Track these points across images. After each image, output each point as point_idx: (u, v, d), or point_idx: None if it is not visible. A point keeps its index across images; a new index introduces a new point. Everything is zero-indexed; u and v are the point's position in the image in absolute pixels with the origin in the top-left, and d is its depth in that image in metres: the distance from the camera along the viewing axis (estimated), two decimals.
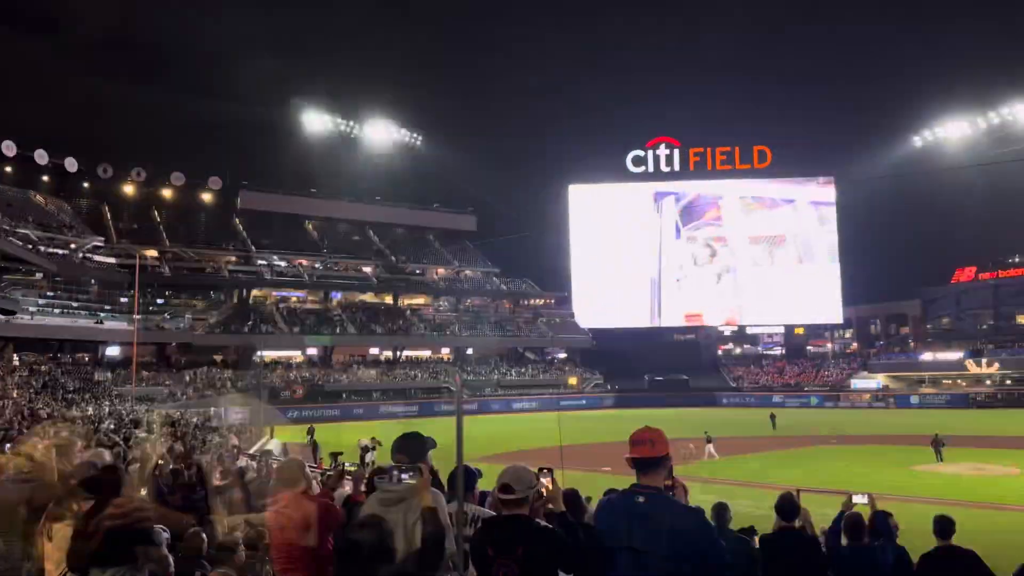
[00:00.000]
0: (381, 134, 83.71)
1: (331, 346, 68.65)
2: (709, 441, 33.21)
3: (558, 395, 70.17)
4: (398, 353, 72.86)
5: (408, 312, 76.79)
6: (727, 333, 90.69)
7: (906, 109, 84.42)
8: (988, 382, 66.25)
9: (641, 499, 3.42)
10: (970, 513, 16.06)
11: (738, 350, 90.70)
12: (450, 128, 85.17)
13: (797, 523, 6.37)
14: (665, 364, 78.75)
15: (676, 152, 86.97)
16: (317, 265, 75.38)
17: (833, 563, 6.74)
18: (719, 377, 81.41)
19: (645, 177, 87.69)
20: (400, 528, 3.49)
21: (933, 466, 28.75)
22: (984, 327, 78.66)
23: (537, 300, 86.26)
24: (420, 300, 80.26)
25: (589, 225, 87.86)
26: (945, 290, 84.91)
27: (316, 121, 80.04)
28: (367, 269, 78.13)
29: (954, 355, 71.96)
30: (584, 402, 69.89)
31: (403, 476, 3.58)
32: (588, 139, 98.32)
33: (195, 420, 30.77)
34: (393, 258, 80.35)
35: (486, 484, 4.86)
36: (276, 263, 73.17)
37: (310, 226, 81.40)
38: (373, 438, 29.27)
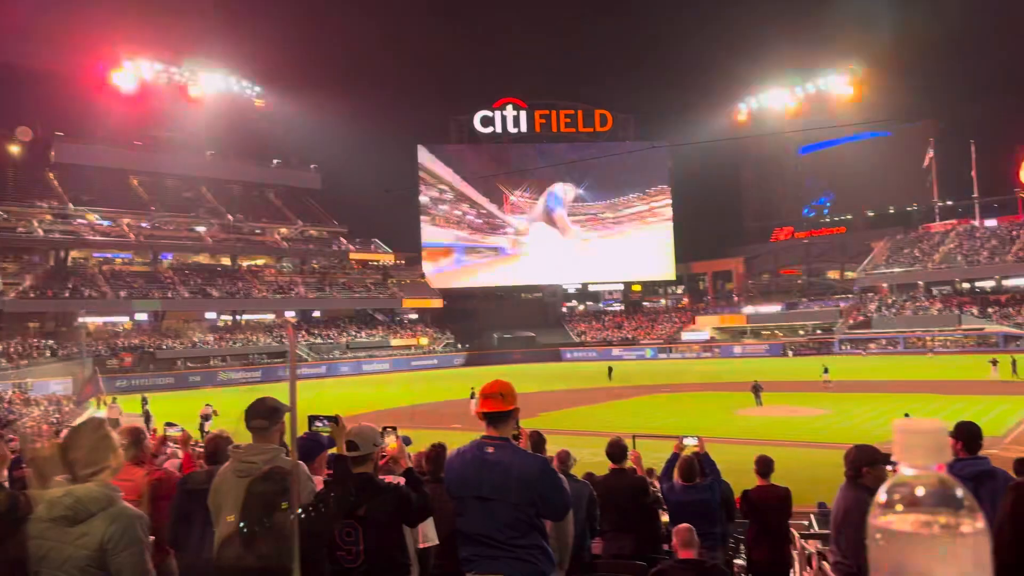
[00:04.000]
0: (216, 85, 78.58)
1: (162, 311, 64.54)
2: (473, 397, 33.09)
3: (409, 356, 70.12)
4: (238, 317, 69.73)
5: (248, 274, 73.46)
6: (571, 291, 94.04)
7: (733, 78, 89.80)
8: (801, 332, 72.94)
9: (490, 449, 3.51)
10: (785, 452, 17.74)
11: (581, 307, 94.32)
12: (292, 82, 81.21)
13: (626, 465, 6.79)
14: (513, 322, 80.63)
15: (523, 114, 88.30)
16: (144, 224, 70.14)
17: (667, 500, 7.27)
18: (564, 333, 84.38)
19: (493, 138, 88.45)
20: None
21: (753, 410, 31.43)
22: (799, 282, 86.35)
23: (387, 260, 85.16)
24: (261, 261, 76.92)
25: (438, 185, 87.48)
26: (766, 248, 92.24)
27: (143, 69, 73.82)
28: (201, 229, 73.69)
29: (773, 308, 78.56)
30: (435, 362, 70.32)
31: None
32: (437, 98, 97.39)
33: (9, 393, 28.14)
34: (230, 217, 76.18)
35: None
36: (98, 222, 67.41)
37: (136, 182, 75.34)
38: (207, 405, 28.04)
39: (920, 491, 0.71)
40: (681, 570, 4.89)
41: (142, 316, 64.27)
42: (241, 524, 3.06)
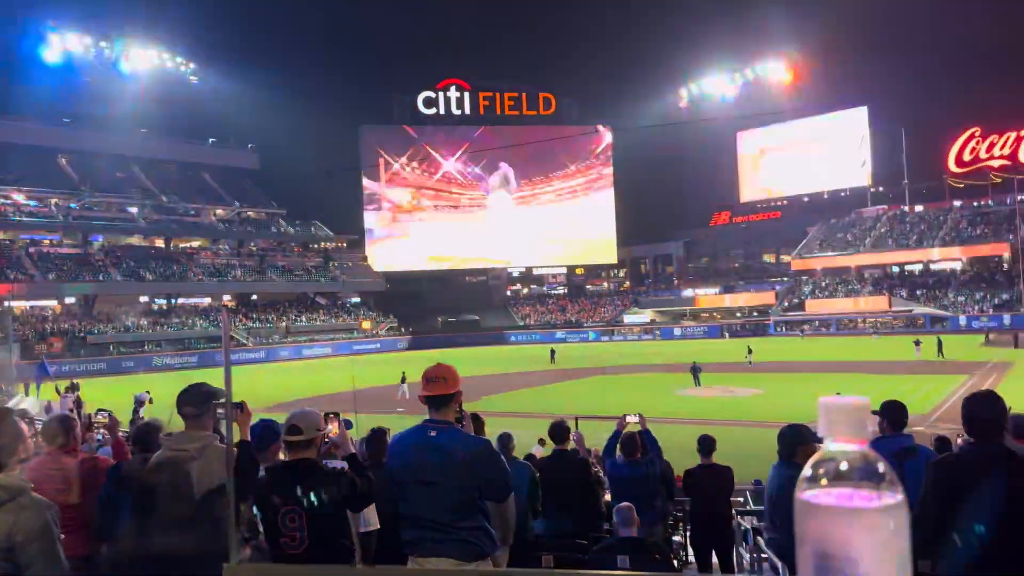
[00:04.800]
0: (149, 61, 75.77)
1: (93, 294, 62.39)
2: (403, 381, 32.45)
3: (351, 340, 69.39)
4: (172, 301, 67.90)
5: (183, 256, 71.48)
6: (515, 274, 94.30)
7: (674, 64, 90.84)
8: (738, 314, 74.74)
9: (433, 433, 3.51)
10: (722, 431, 18.20)
11: (525, 290, 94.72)
12: (229, 59, 78.68)
13: (569, 446, 6.88)
14: (457, 306, 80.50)
15: (467, 96, 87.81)
16: (73, 205, 67.53)
17: (609, 475, 7.40)
18: (508, 316, 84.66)
19: (437, 120, 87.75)
20: (188, 487, 3.32)
21: (692, 390, 32.17)
22: (736, 265, 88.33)
23: (328, 243, 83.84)
24: (196, 243, 74.91)
25: (382, 166, 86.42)
26: (705, 232, 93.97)
27: (70, 43, 70.69)
28: (133, 209, 71.32)
29: (712, 290, 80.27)
30: (378, 346, 69.76)
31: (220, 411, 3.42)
32: (380, 78, 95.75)
33: None
34: (164, 197, 73.84)
35: None
36: (24, 202, 64.60)
37: (64, 161, 72.31)
38: (146, 392, 27.23)
39: (844, 466, 0.73)
40: (621, 548, 4.99)
41: (71, 300, 62.05)
42: (175, 511, 3.01)
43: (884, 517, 0.71)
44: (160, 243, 71.81)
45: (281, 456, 4.17)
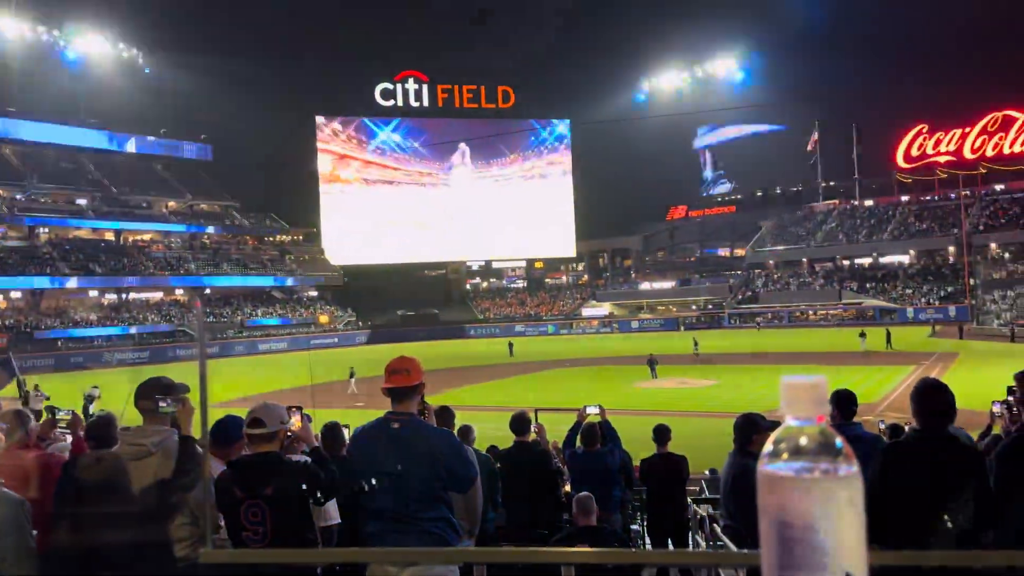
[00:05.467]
0: (96, 48, 73.63)
1: (40, 288, 60.61)
2: (352, 377, 32.75)
3: (308, 334, 68.56)
4: (124, 295, 66.30)
5: (134, 249, 69.80)
6: (475, 268, 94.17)
7: (634, 61, 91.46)
8: (694, 307, 75.79)
9: (396, 425, 3.52)
10: (679, 421, 18.47)
11: (485, 284, 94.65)
12: (181, 47, 76.62)
13: (530, 438, 6.95)
14: (416, 299, 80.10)
15: (425, 88, 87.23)
16: (19, 196, 65.43)
17: (569, 465, 7.50)
18: (468, 310, 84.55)
19: (394, 111, 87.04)
20: (149, 482, 3.29)
21: (649, 382, 32.58)
22: (692, 259, 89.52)
23: (284, 236, 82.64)
24: (148, 236, 73.20)
25: (338, 158, 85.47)
26: (662, 226, 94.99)
27: (12, 28, 68.32)
28: (82, 201, 69.39)
29: (668, 284, 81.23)
30: (336, 340, 69.03)
31: (164, 404, 3.37)
32: (336, 67, 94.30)
33: None
34: (114, 189, 71.99)
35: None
36: None
37: (8, 151, 69.98)
38: (94, 387, 26.67)
39: (803, 440, 0.77)
40: (580, 537, 5.07)
41: (17, 294, 60.20)
42: (116, 505, 2.98)
43: (840, 487, 0.76)
44: (110, 236, 70.03)
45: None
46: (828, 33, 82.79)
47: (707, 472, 12.58)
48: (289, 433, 3.86)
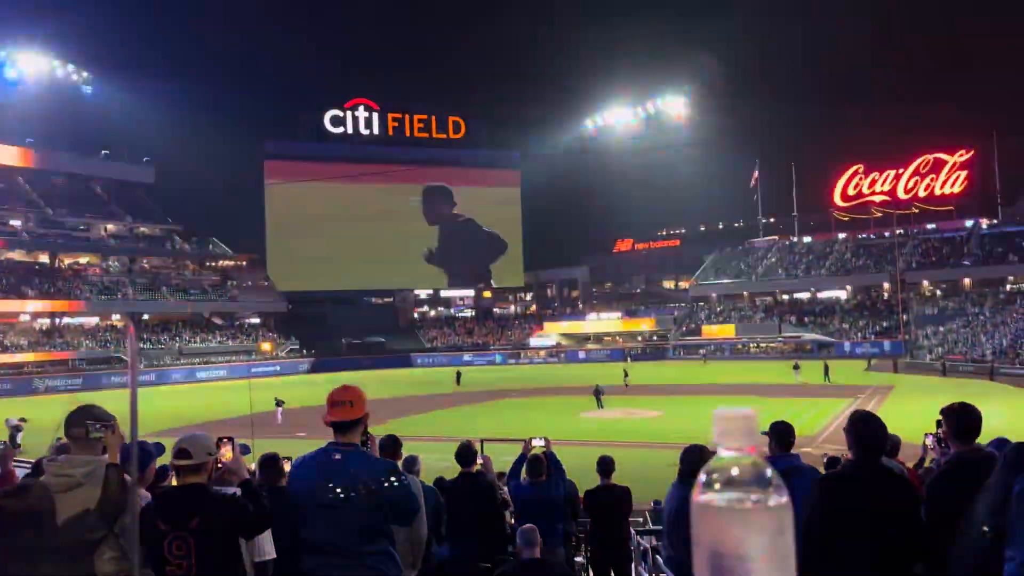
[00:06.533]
0: (37, 68, 71.66)
1: None
2: (279, 405, 32.21)
3: (249, 362, 67.03)
4: (57, 320, 63.95)
5: (70, 273, 67.53)
6: (422, 296, 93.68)
7: (583, 95, 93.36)
8: (639, 338, 76.62)
9: (338, 456, 3.45)
10: (623, 452, 18.55)
11: (432, 312, 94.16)
12: (126, 69, 75.46)
13: (475, 468, 6.89)
14: (363, 328, 79.19)
15: (376, 116, 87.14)
16: None
17: (514, 497, 7.44)
18: (415, 339, 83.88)
19: (344, 139, 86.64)
20: (74, 514, 3.14)
21: (595, 412, 32.72)
22: (638, 291, 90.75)
23: (227, 261, 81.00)
24: (85, 259, 70.93)
25: (285, 184, 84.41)
26: (609, 258, 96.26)
27: None
28: (16, 223, 66.99)
29: (614, 315, 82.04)
30: (278, 368, 67.67)
31: (95, 428, 3.24)
32: (286, 94, 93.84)
33: None
34: (50, 210, 69.69)
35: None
36: None
37: None
38: (21, 419, 25.72)
39: (735, 471, 0.80)
40: (524, 571, 5.01)
41: None
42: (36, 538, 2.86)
43: (770, 517, 0.78)
44: (45, 258, 67.66)
45: (174, 481, 4.00)
46: (768, 78, 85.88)
47: (651, 503, 12.64)
48: (219, 465, 3.74)
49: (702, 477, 0.81)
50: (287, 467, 5.48)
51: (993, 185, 69.51)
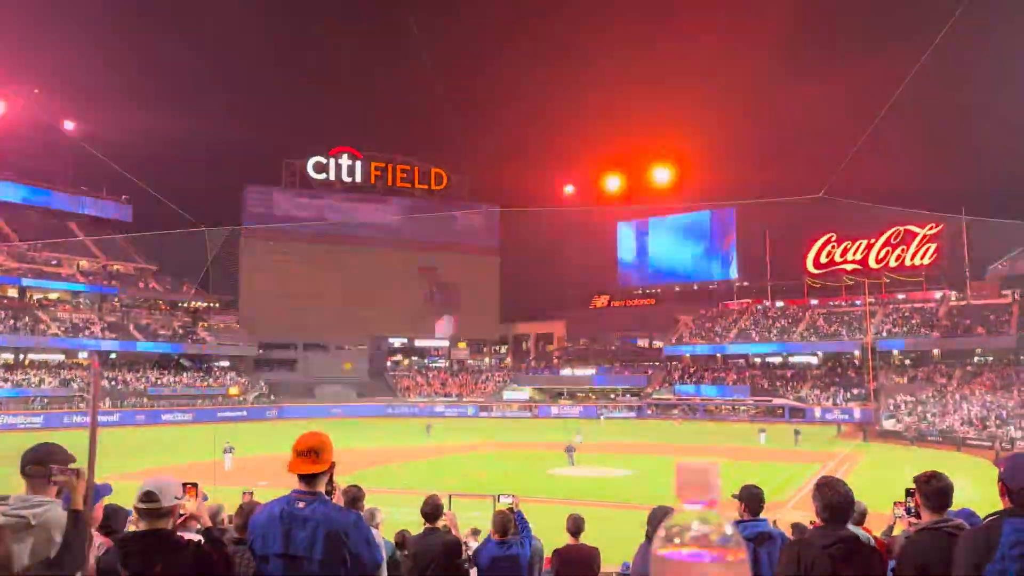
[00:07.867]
0: (14, 101, 71.51)
1: None
2: (228, 451, 31.68)
3: (215, 407, 65.73)
4: (22, 356, 62.57)
5: (38, 308, 66.36)
6: (396, 345, 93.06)
7: (561, 155, 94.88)
8: (612, 396, 76.43)
9: (300, 505, 3.38)
10: (593, 511, 18.33)
11: (406, 361, 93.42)
12: (108, 106, 75.58)
13: (440, 524, 6.77)
14: (335, 375, 78.28)
15: (359, 164, 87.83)
16: None
17: (480, 554, 7.31)
18: (387, 387, 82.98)
19: (326, 186, 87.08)
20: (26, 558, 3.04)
21: (566, 469, 32.38)
22: (613, 347, 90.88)
23: (199, 303, 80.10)
24: (54, 295, 69.85)
25: (265, 229, 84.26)
26: (585, 314, 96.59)
27: None
28: None
29: (589, 371, 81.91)
30: (245, 414, 66.41)
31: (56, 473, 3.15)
32: (269, 139, 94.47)
33: None
34: (21, 243, 68.78)
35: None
36: None
37: None
38: None
39: (694, 525, 0.82)
40: None
41: None
42: None
43: (729, 572, 0.79)
44: (13, 292, 66.53)
45: (138, 526, 3.89)
46: (738, 146, 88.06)
47: (621, 567, 12.43)
48: (182, 512, 3.65)
49: (662, 532, 0.84)
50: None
51: (962, 258, 71.03)
